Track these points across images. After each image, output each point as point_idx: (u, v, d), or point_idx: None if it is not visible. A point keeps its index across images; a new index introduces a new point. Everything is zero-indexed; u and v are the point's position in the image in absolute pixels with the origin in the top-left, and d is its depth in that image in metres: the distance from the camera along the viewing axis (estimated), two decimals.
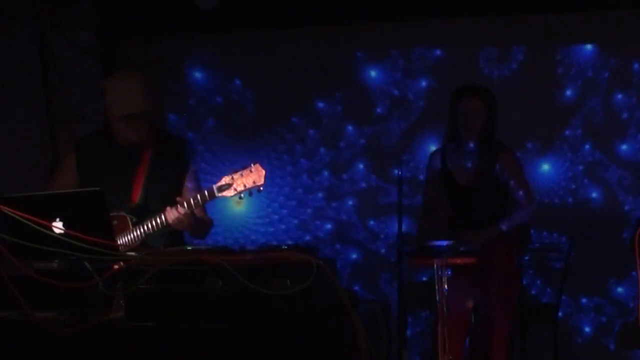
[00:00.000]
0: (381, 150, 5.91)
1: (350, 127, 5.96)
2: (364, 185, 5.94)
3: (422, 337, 5.48)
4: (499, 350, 4.30)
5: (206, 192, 3.45)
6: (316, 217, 5.95)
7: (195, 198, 3.49)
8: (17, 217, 2.58)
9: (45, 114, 5.57)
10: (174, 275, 2.54)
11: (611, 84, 5.54)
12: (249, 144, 5.97)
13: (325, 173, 5.99)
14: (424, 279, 5.32)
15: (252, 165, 3.32)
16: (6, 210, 2.59)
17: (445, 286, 4.04)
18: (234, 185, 3.30)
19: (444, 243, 4.06)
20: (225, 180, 3.33)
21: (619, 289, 5.42)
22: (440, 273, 4.04)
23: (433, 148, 5.10)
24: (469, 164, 4.45)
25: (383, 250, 5.86)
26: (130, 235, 3.64)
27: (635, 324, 3.12)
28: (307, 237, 5.87)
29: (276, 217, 6.01)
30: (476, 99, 4.37)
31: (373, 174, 5.93)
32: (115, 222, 3.61)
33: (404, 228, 4.37)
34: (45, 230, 2.61)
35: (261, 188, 3.32)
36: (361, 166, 5.96)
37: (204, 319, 2.50)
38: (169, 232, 3.70)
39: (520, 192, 4.40)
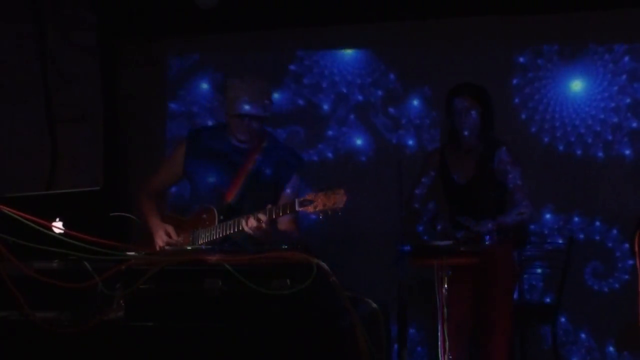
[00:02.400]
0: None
1: None
2: None
3: (422, 337, 5.47)
4: (499, 350, 4.31)
5: (287, 205, 3.47)
6: None
7: (276, 208, 3.51)
8: (17, 217, 2.58)
9: (45, 114, 5.57)
10: (174, 275, 2.54)
11: None
12: None
13: None
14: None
15: (337, 188, 3.37)
16: (6, 210, 2.59)
17: (445, 286, 4.05)
18: (315, 203, 3.34)
19: (444, 243, 4.06)
20: (309, 196, 3.37)
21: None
22: (440, 273, 4.05)
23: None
24: (468, 162, 4.46)
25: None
26: (212, 232, 3.69)
27: (635, 324, 3.11)
28: None
29: None
30: (469, 98, 4.40)
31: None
32: (204, 216, 3.74)
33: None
34: (45, 230, 2.61)
35: (339, 212, 3.34)
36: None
37: (204, 319, 2.50)
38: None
39: (517, 191, 4.39)
